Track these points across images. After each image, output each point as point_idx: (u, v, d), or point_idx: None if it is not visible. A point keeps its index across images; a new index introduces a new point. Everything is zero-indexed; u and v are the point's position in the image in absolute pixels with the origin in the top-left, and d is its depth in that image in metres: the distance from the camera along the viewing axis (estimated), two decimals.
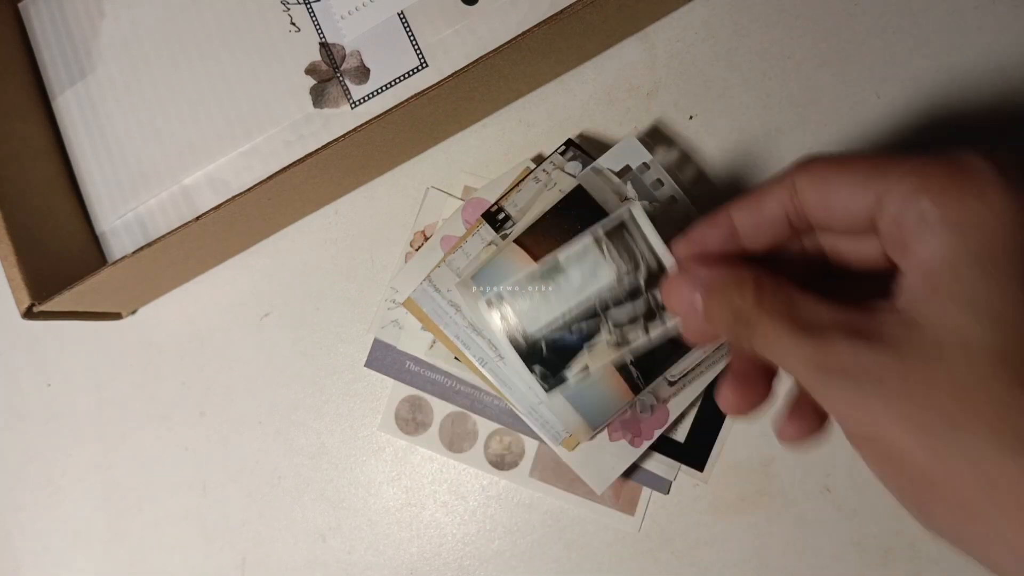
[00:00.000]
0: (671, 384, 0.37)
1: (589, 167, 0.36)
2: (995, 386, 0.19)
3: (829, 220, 0.24)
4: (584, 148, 0.37)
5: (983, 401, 0.19)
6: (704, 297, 0.25)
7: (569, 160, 0.37)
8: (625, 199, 0.35)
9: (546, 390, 0.32)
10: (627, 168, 0.36)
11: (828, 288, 0.25)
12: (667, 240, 0.30)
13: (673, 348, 0.33)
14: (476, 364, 0.36)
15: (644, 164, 0.36)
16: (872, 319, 0.21)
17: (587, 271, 0.32)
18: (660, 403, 0.37)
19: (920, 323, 0.20)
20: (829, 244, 0.26)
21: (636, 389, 0.33)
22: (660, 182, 0.36)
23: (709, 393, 0.37)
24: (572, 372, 0.32)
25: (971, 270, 0.20)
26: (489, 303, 0.33)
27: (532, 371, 0.32)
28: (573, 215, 0.34)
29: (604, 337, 0.32)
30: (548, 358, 0.32)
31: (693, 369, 0.36)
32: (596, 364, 0.32)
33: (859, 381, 0.20)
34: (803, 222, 0.24)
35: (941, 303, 0.20)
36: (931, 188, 0.21)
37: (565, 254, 0.32)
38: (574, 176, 0.36)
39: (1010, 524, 0.18)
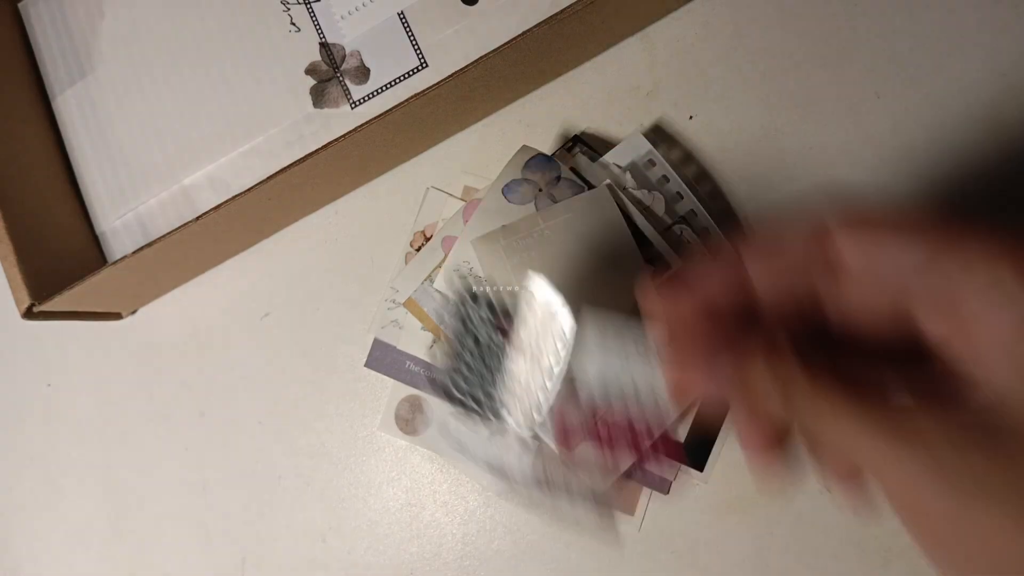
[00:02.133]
0: None
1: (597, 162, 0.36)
2: None
3: (859, 276, 0.20)
4: (590, 144, 0.37)
5: None
6: (737, 372, 0.21)
7: (576, 156, 0.37)
8: (623, 189, 0.35)
9: None
10: (633, 164, 0.36)
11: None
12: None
13: None
14: None
15: (650, 161, 0.36)
16: (966, 418, 0.18)
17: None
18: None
19: None
20: (838, 307, 0.22)
21: None
22: (666, 178, 0.36)
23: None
24: None
25: None
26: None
27: None
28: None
29: None
30: None
31: None
32: None
33: (974, 495, 0.17)
34: (826, 275, 0.21)
35: None
36: (1006, 254, 0.18)
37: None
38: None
39: None
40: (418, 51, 0.35)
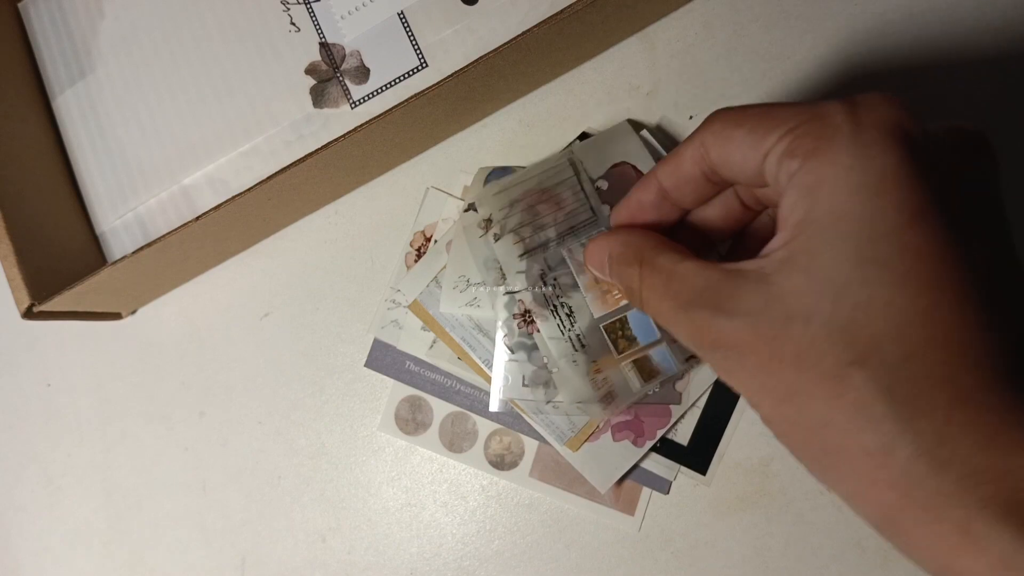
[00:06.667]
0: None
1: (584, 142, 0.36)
2: (830, 361, 0.19)
3: (733, 176, 0.24)
4: None
5: (820, 376, 0.19)
6: (609, 264, 0.27)
7: None
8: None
9: None
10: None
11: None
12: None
13: None
14: (482, 366, 0.36)
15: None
16: (736, 286, 0.21)
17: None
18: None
19: (775, 292, 0.20)
20: (748, 197, 0.26)
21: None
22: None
23: (713, 398, 0.37)
24: None
25: (815, 239, 0.20)
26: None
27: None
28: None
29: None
30: None
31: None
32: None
33: (726, 354, 0.21)
34: (717, 177, 0.25)
35: (791, 272, 0.20)
36: (799, 147, 0.20)
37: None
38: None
39: (859, 488, 0.20)
40: (418, 51, 0.35)
